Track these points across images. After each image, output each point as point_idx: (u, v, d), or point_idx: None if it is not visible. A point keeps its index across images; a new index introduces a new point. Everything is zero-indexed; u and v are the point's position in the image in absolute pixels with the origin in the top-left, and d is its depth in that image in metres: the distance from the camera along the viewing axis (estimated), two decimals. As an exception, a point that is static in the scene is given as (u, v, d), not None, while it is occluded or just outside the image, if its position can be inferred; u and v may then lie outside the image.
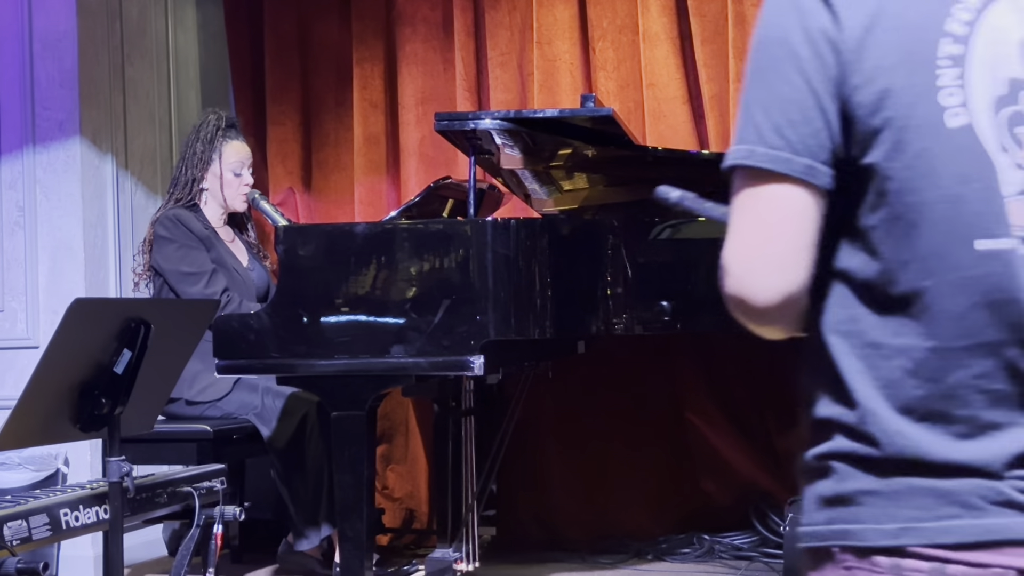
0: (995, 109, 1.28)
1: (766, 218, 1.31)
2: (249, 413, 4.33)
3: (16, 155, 4.95)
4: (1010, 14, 1.30)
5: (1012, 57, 1.29)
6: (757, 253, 1.31)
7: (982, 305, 1.28)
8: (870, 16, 1.29)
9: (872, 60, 1.28)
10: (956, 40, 1.29)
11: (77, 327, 2.65)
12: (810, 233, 1.30)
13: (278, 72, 5.44)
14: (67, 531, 2.80)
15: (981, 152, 1.27)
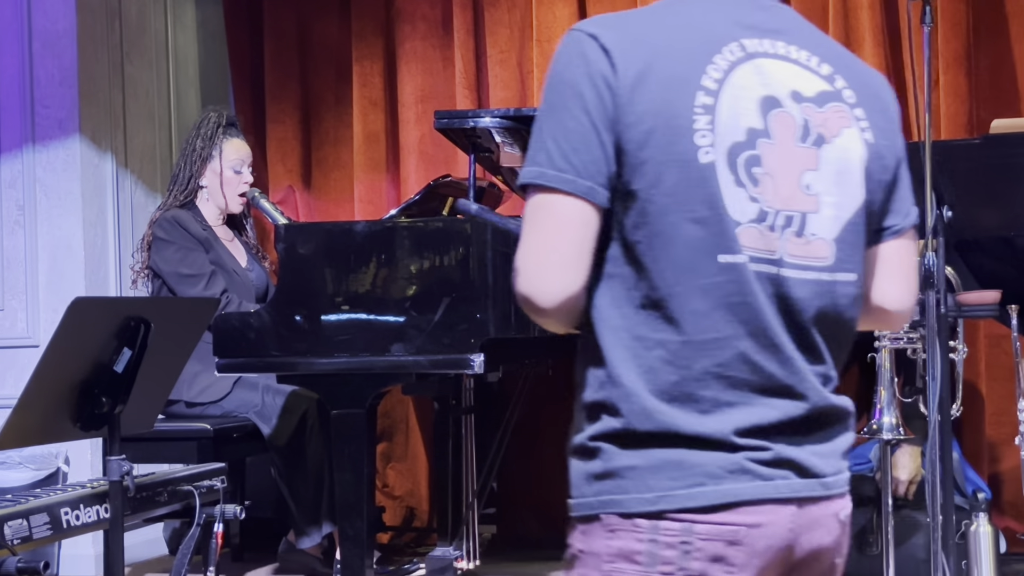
0: (735, 152, 1.55)
1: (552, 229, 1.56)
2: (249, 411, 4.33)
3: (16, 154, 4.95)
4: (752, 76, 1.58)
5: (751, 111, 1.57)
6: (543, 258, 1.56)
7: (722, 306, 1.54)
8: (641, 69, 1.54)
9: (641, 105, 1.54)
10: (708, 93, 1.56)
11: (77, 326, 2.65)
12: (588, 243, 1.56)
13: (278, 70, 5.44)
14: (68, 530, 2.80)
15: (718, 185, 1.54)
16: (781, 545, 1.55)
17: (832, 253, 1.60)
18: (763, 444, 1.54)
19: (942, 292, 2.91)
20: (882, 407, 3.42)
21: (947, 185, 2.92)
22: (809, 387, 1.57)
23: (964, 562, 3.40)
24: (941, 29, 4.52)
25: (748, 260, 1.54)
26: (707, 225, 1.54)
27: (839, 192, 1.61)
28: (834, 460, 1.61)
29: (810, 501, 1.57)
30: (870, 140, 1.65)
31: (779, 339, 1.56)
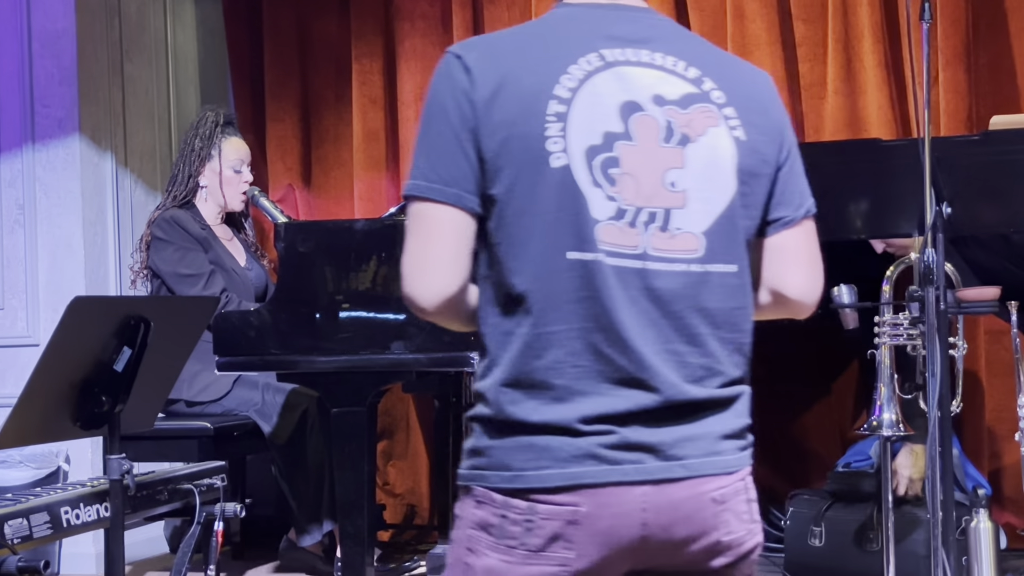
0: (591, 155, 1.67)
1: (426, 235, 1.70)
2: (250, 409, 4.33)
3: (16, 153, 4.95)
4: (612, 82, 1.69)
5: (610, 116, 1.68)
6: (421, 262, 1.70)
7: (574, 300, 1.65)
8: (497, 82, 1.68)
9: (498, 116, 1.67)
10: (561, 101, 1.67)
11: (77, 325, 2.65)
12: (462, 246, 1.69)
13: (277, 69, 5.44)
14: (68, 529, 2.80)
15: (575, 187, 1.66)
16: (631, 525, 1.64)
17: (702, 245, 1.70)
18: (610, 429, 1.64)
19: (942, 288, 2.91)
20: (882, 404, 3.42)
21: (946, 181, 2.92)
22: (662, 381, 1.66)
23: (964, 558, 3.40)
24: (941, 25, 4.51)
25: (604, 256, 1.65)
26: (559, 225, 1.66)
27: (708, 188, 1.71)
28: (703, 443, 1.69)
29: (668, 482, 1.66)
30: (741, 137, 1.73)
31: (628, 334, 1.65)
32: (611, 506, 1.64)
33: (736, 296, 1.73)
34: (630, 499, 1.64)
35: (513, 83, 1.68)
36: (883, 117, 4.58)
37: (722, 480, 1.70)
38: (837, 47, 4.70)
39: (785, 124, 1.81)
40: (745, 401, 1.76)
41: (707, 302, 1.70)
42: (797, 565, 4.17)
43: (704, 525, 1.69)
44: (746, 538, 1.74)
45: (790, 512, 4.20)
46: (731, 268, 1.72)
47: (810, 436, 4.94)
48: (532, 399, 1.65)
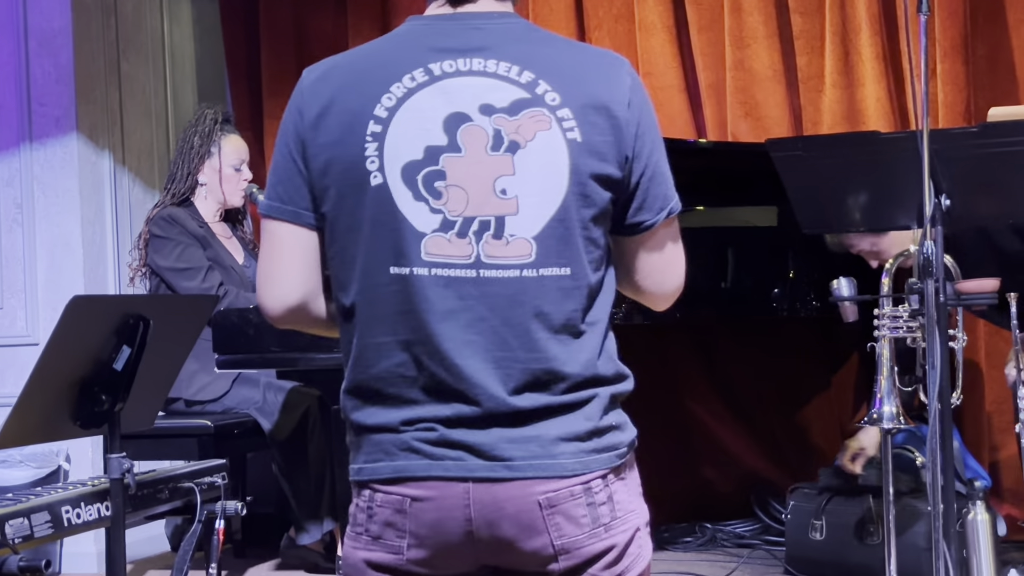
0: (411, 171, 1.72)
1: (269, 250, 1.82)
2: (250, 407, 4.33)
3: (13, 152, 4.95)
4: (437, 97, 1.73)
5: (433, 130, 1.72)
6: (265, 274, 1.83)
7: (396, 313, 1.72)
8: (323, 106, 1.76)
9: (322, 137, 1.75)
10: (378, 122, 1.73)
11: (75, 325, 2.64)
12: (305, 259, 1.79)
13: (274, 66, 5.44)
14: (69, 528, 2.80)
15: (392, 204, 1.72)
16: (456, 519, 1.70)
17: (533, 250, 1.71)
18: (431, 426, 1.71)
19: (941, 281, 2.91)
20: (882, 396, 3.42)
21: (945, 174, 2.91)
22: (482, 392, 1.69)
23: (965, 550, 3.40)
24: (939, 17, 4.51)
25: (429, 269, 1.71)
26: (381, 241, 1.72)
27: (540, 192, 1.71)
28: (533, 445, 1.70)
29: (492, 481, 1.69)
30: (576, 139, 1.72)
31: (446, 345, 1.70)
32: (435, 499, 1.71)
33: (573, 298, 1.73)
34: (453, 494, 1.70)
35: (338, 104, 1.75)
36: (881, 110, 4.58)
37: (553, 483, 1.70)
38: (835, 40, 4.70)
39: (636, 121, 1.77)
40: (599, 404, 1.75)
41: (544, 306, 1.71)
42: (798, 559, 4.17)
43: (531, 527, 1.70)
44: (586, 542, 1.72)
45: (791, 506, 4.21)
46: (564, 271, 1.72)
47: (810, 430, 4.95)
48: (368, 406, 1.75)
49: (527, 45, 1.78)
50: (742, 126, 4.83)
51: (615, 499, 1.75)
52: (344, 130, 1.74)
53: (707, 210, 4.21)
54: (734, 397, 5.01)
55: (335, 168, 1.75)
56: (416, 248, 1.71)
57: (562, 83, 1.74)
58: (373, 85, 1.75)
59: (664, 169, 1.82)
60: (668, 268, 1.88)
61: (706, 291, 4.08)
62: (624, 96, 1.77)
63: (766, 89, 4.83)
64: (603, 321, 1.77)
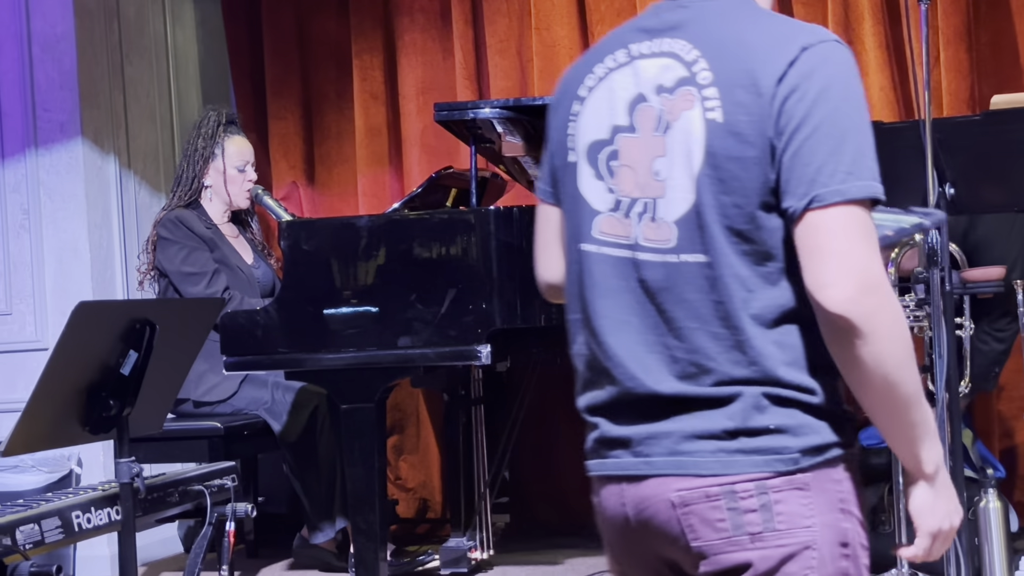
0: (595, 149, 1.74)
1: (536, 229, 1.89)
2: (259, 408, 4.34)
3: (19, 158, 4.96)
4: (628, 78, 1.73)
5: (619, 110, 1.72)
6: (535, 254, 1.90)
7: (578, 291, 1.75)
8: (558, 93, 1.83)
9: (553, 123, 1.82)
10: (579, 101, 1.77)
11: (82, 330, 2.65)
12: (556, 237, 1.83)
13: (278, 66, 5.44)
14: (79, 533, 2.81)
15: (578, 182, 1.75)
16: (618, 517, 1.70)
17: (674, 235, 1.66)
18: (597, 422, 1.72)
19: (947, 269, 2.91)
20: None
21: (949, 162, 2.91)
22: (623, 372, 1.67)
23: (976, 538, 3.40)
24: (941, 5, 4.50)
25: (600, 247, 1.72)
26: (572, 218, 1.77)
27: (682, 175, 1.66)
28: (667, 441, 1.64)
29: (639, 479, 1.66)
30: (716, 119, 1.63)
31: (600, 323, 1.70)
32: (606, 498, 1.72)
33: (715, 288, 1.63)
34: (614, 493, 1.70)
35: (563, 91, 1.82)
36: (884, 99, 4.57)
37: (687, 482, 1.62)
38: (837, 29, 4.68)
39: (785, 96, 1.61)
40: (747, 403, 1.61)
41: (687, 293, 1.65)
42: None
43: (668, 527, 1.65)
44: (726, 548, 1.61)
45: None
46: (701, 259, 1.64)
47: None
48: (578, 383, 1.77)
49: (716, 21, 1.70)
50: (746, 118, 4.81)
51: (776, 508, 1.60)
52: (560, 113, 1.80)
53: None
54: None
55: (556, 149, 1.81)
56: (590, 226, 1.73)
57: (720, 60, 1.65)
58: (583, 67, 1.79)
59: (814, 149, 1.59)
60: (819, 267, 1.58)
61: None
62: (778, 70, 1.62)
63: (769, 80, 4.81)
64: (777, 319, 1.62)
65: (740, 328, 1.62)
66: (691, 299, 1.64)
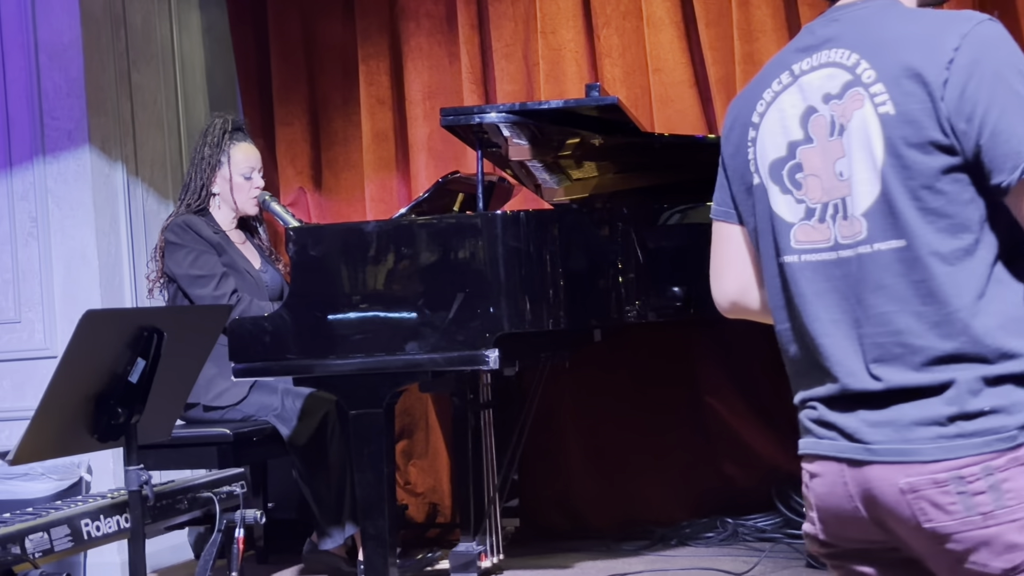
0: (776, 168, 1.88)
1: (713, 248, 2.05)
2: (269, 414, 4.35)
3: (27, 166, 4.97)
4: (795, 95, 1.88)
5: (792, 127, 1.87)
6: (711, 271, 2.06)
7: (785, 301, 1.89)
8: (730, 122, 1.99)
9: (728, 150, 1.98)
10: (753, 127, 1.93)
11: (89, 338, 2.65)
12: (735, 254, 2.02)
13: (284, 72, 5.45)
14: (89, 541, 2.81)
15: (767, 200, 1.90)
16: (841, 496, 1.79)
17: (864, 227, 1.78)
18: (814, 405, 1.84)
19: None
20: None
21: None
22: (842, 369, 1.79)
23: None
24: (948, 6, 4.49)
25: (801, 256, 1.85)
26: (767, 235, 1.90)
27: (862, 171, 1.78)
28: (888, 429, 1.74)
29: (859, 464, 1.76)
30: (889, 112, 1.76)
31: (814, 326, 1.83)
32: (822, 475, 1.82)
33: (915, 269, 1.74)
34: (833, 471, 1.80)
35: (737, 118, 1.97)
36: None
37: (913, 469, 1.71)
38: (843, 31, 4.68)
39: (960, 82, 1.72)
40: (963, 388, 1.70)
41: (885, 279, 1.76)
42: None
43: (898, 511, 1.73)
44: (960, 529, 1.70)
45: (812, 499, 4.19)
46: (898, 243, 1.75)
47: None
48: (792, 387, 1.91)
49: (866, 27, 1.84)
50: (753, 120, 4.81)
51: (1004, 487, 1.68)
52: (738, 141, 1.95)
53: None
54: (753, 392, 5.00)
55: (736, 176, 1.96)
56: (787, 238, 1.86)
57: (879, 58, 1.79)
58: (754, 96, 1.94)
59: (1011, 125, 1.70)
60: None
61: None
62: (944, 57, 1.73)
63: (776, 82, 4.81)
64: (980, 288, 1.72)
65: (945, 302, 1.73)
66: (888, 284, 1.76)
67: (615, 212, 3.99)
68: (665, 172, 4.48)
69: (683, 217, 4.11)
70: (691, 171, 4.47)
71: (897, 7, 1.86)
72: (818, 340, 1.82)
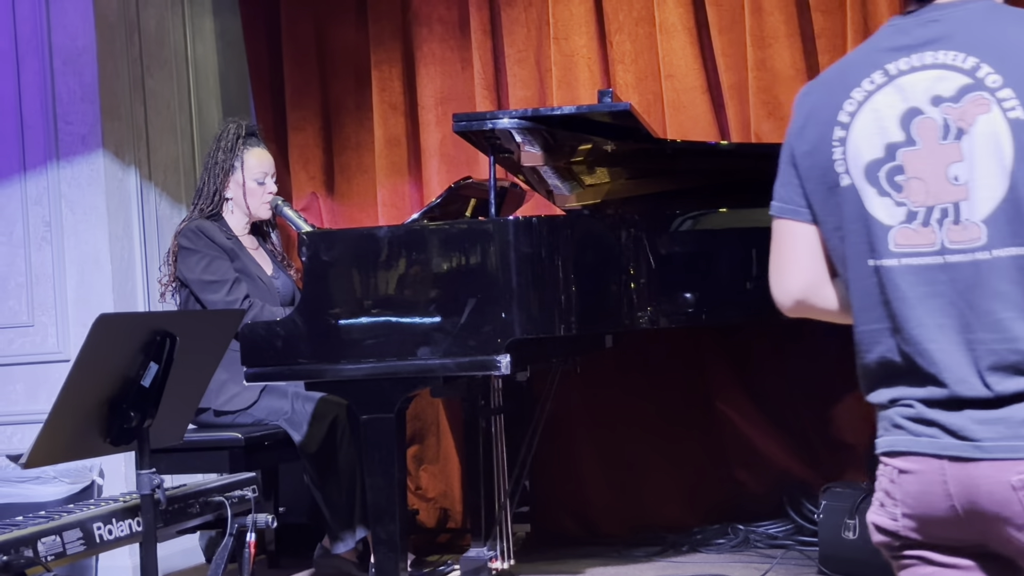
0: (872, 169, 1.86)
1: (776, 246, 2.00)
2: (280, 419, 4.35)
3: (40, 170, 4.99)
4: (893, 95, 1.85)
5: (890, 128, 1.85)
6: (773, 269, 2.02)
7: (878, 303, 1.87)
8: (805, 117, 1.95)
9: (803, 147, 1.94)
10: (842, 127, 1.89)
11: (102, 342, 2.66)
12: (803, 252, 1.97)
13: (297, 78, 5.46)
14: (101, 544, 2.82)
15: (860, 202, 1.87)
16: (937, 495, 1.79)
17: (984, 233, 1.77)
18: (910, 402, 1.83)
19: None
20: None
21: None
22: (950, 375, 1.79)
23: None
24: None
25: (899, 259, 1.83)
26: (857, 236, 1.87)
27: (986, 176, 1.77)
28: (1000, 427, 1.75)
29: (963, 460, 1.76)
30: (1020, 117, 1.76)
31: (916, 331, 1.81)
32: (916, 472, 1.81)
33: None
34: (931, 469, 1.80)
35: (814, 116, 1.93)
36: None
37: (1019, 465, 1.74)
38: (857, 38, 4.67)
39: None
40: None
41: (1002, 286, 1.77)
42: (832, 558, 4.15)
43: (1007, 508, 1.75)
44: None
45: (823, 505, 4.19)
46: (1020, 251, 1.76)
47: (842, 429, 4.92)
48: (873, 386, 1.89)
49: (978, 29, 1.83)
50: (765, 126, 4.81)
51: None
52: (817, 139, 1.91)
53: (731, 211, 4.20)
54: (765, 398, 4.99)
55: (813, 173, 1.92)
56: (885, 241, 1.84)
57: (1004, 63, 1.79)
58: (837, 94, 1.90)
59: None
60: None
61: (732, 293, 4.07)
62: None
63: (789, 89, 4.81)
64: None
65: None
66: (1006, 291, 1.77)
67: (627, 218, 3.99)
68: (677, 178, 4.48)
69: (695, 223, 4.11)
70: (703, 177, 4.47)
71: (1003, 9, 1.87)
72: (923, 345, 1.81)
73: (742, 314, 4.21)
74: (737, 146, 4.70)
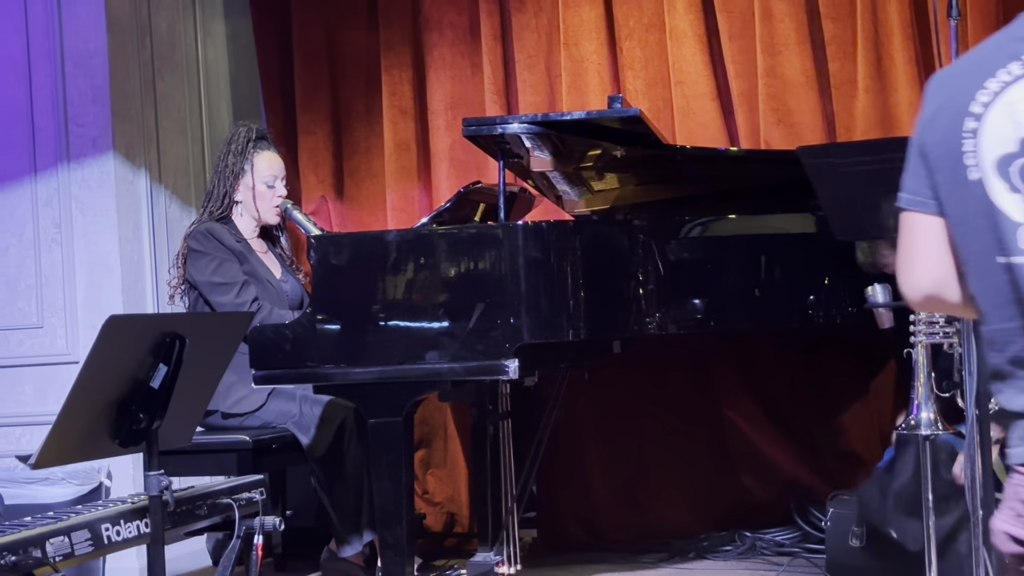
0: (1004, 164, 1.77)
1: (904, 239, 1.92)
2: (287, 422, 4.35)
3: (51, 172, 5.00)
4: None
5: None
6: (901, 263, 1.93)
7: (1010, 301, 1.78)
8: (935, 108, 1.85)
9: (933, 136, 1.84)
10: (975, 119, 1.79)
11: (112, 344, 2.67)
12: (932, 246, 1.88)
13: (307, 81, 5.47)
14: (109, 546, 2.82)
15: (988, 197, 1.78)
16: None
17: None
18: None
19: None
20: (919, 403, 3.40)
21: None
22: None
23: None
24: (971, 21, 4.49)
25: None
26: (985, 232, 1.79)
27: None
28: None
29: None
30: None
31: None
32: None
33: None
34: None
35: (946, 106, 1.84)
36: (915, 115, 4.55)
37: None
38: (867, 45, 4.68)
39: None
40: None
41: None
42: (838, 566, 4.15)
43: None
44: None
45: (830, 513, 4.19)
46: None
47: (849, 437, 4.93)
48: (1007, 389, 1.81)
49: None
50: (775, 133, 4.82)
51: None
52: (947, 130, 1.82)
53: (740, 218, 4.20)
54: (772, 405, 4.99)
55: (942, 165, 1.84)
56: (1013, 238, 1.77)
57: None
58: (970, 84, 1.82)
59: None
60: None
61: (740, 300, 4.07)
62: None
63: (798, 96, 4.82)
64: None
65: None
66: None
67: (636, 224, 3.99)
68: (686, 184, 4.48)
69: (704, 230, 4.11)
70: (712, 184, 4.47)
71: None
72: None
73: (750, 321, 4.22)
74: (746, 153, 4.70)
